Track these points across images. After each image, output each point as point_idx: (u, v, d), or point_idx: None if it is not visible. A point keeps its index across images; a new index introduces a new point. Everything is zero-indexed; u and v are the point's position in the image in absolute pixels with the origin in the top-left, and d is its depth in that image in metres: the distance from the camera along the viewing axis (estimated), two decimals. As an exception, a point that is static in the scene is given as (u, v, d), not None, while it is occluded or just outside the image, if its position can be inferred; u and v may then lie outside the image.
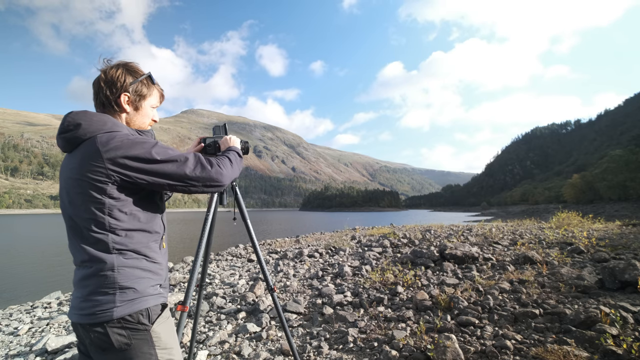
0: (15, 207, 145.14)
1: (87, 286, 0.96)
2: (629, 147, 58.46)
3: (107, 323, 0.93)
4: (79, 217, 0.98)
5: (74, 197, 0.98)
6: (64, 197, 1.02)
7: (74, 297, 1.00)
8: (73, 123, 0.99)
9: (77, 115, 1.00)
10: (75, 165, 0.97)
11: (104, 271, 0.96)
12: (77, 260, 1.00)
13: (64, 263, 11.58)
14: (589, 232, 6.92)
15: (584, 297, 2.93)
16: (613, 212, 32.18)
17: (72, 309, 0.99)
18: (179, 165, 1.02)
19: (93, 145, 0.96)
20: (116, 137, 0.98)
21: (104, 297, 0.95)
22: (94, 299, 0.95)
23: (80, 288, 0.98)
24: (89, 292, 0.95)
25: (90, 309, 0.94)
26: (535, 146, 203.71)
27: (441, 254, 5.02)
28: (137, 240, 1.02)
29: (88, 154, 0.95)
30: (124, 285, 0.97)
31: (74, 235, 1.01)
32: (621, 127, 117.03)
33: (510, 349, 2.12)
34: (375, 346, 2.43)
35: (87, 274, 0.97)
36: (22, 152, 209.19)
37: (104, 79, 1.07)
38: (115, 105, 1.09)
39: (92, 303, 0.95)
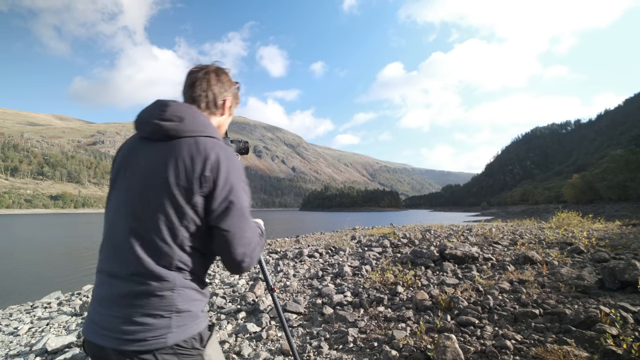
0: (15, 207, 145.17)
1: (135, 306, 0.80)
2: (629, 147, 58.47)
3: (159, 350, 0.79)
4: (150, 219, 0.83)
5: (153, 194, 0.83)
6: (133, 190, 0.86)
7: (106, 316, 0.81)
8: (177, 114, 0.87)
9: (180, 107, 0.89)
10: (169, 161, 0.84)
11: (162, 291, 0.81)
12: (124, 271, 0.82)
13: (64, 263, 11.58)
14: (589, 232, 6.92)
15: (584, 297, 2.93)
16: (613, 212, 32.19)
17: (105, 331, 0.80)
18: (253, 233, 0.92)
19: (197, 147, 0.85)
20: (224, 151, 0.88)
21: (159, 321, 0.80)
22: (146, 323, 0.79)
23: (123, 307, 0.80)
24: (140, 314, 0.79)
25: (139, 334, 0.78)
26: (535, 146, 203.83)
27: (441, 254, 5.02)
28: (198, 262, 0.89)
29: (189, 155, 0.84)
30: (182, 309, 0.83)
31: (131, 238, 0.83)
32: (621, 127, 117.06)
33: (510, 349, 2.12)
34: (375, 346, 2.43)
35: (137, 291, 0.80)
36: (22, 152, 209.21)
37: (216, 76, 1.01)
38: (217, 106, 1.02)
39: (142, 327, 0.78)
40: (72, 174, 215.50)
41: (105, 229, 0.90)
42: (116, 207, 0.89)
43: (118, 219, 0.87)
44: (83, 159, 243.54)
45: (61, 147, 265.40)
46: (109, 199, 0.93)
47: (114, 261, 0.85)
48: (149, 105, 0.92)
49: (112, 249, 0.86)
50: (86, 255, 13.37)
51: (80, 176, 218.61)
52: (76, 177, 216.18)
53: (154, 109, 0.89)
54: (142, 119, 0.90)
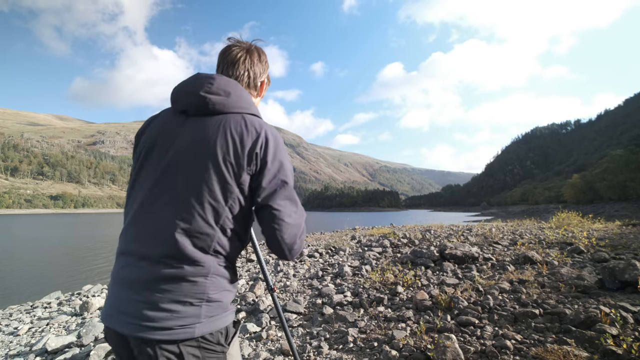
0: (15, 207, 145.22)
1: (163, 291, 0.72)
2: (629, 147, 58.48)
3: (184, 342, 0.72)
4: (193, 197, 0.76)
5: (199, 171, 0.77)
6: (174, 166, 0.79)
7: (129, 301, 0.74)
8: (224, 89, 0.82)
9: (228, 82, 0.84)
10: (217, 137, 0.78)
11: (195, 276, 0.75)
12: (156, 252, 0.74)
13: (64, 263, 11.58)
14: (589, 232, 6.91)
15: (584, 297, 2.92)
16: (613, 212, 32.19)
17: (126, 317, 0.73)
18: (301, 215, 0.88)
19: (245, 124, 0.81)
20: (271, 130, 0.85)
21: (188, 309, 0.73)
22: (173, 310, 0.72)
23: (150, 291, 0.73)
24: (167, 300, 0.72)
25: (166, 322, 0.71)
26: (535, 146, 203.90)
27: (441, 254, 5.02)
28: (235, 246, 0.83)
29: (239, 131, 0.80)
30: (213, 298, 0.77)
31: (169, 218, 0.75)
32: (621, 127, 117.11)
33: (510, 349, 2.12)
34: (375, 346, 2.43)
35: (168, 274, 0.73)
36: (22, 152, 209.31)
37: (258, 56, 0.96)
38: (256, 87, 0.99)
39: (169, 314, 0.72)
40: (72, 174, 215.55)
41: (134, 208, 0.81)
42: (150, 185, 0.80)
43: (152, 197, 0.79)
44: (83, 159, 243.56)
45: (61, 147, 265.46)
46: (138, 176, 0.84)
47: (144, 242, 0.76)
48: (190, 79, 0.86)
49: (143, 229, 0.78)
50: (88, 255, 13.37)
51: (80, 176, 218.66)
52: (76, 177, 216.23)
53: (199, 80, 0.84)
54: (184, 91, 0.84)
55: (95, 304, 4.36)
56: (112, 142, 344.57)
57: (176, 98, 0.86)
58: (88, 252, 14.14)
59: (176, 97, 0.86)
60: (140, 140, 0.89)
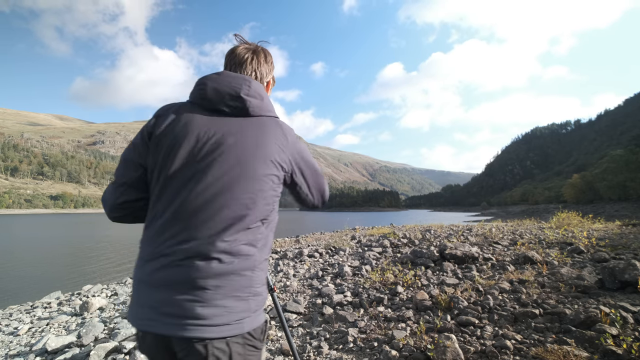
0: (15, 207, 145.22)
1: (216, 287, 0.72)
2: (629, 147, 58.47)
3: (233, 337, 0.72)
4: (244, 194, 0.77)
5: (251, 170, 0.79)
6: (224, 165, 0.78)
7: (173, 301, 0.71)
8: (259, 93, 0.86)
9: (260, 86, 0.88)
10: (264, 138, 0.83)
11: (245, 270, 0.75)
12: (207, 249, 0.73)
13: (64, 263, 11.58)
14: (589, 232, 6.91)
15: (584, 297, 2.92)
16: (613, 212, 32.19)
17: (173, 318, 0.71)
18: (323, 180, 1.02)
19: (280, 129, 0.87)
20: (293, 132, 0.93)
21: (239, 304, 0.74)
22: (227, 305, 0.72)
23: (201, 289, 0.71)
24: (220, 296, 0.72)
25: (219, 318, 0.71)
26: (535, 146, 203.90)
27: (441, 254, 5.02)
28: (271, 240, 0.87)
29: (275, 136, 0.85)
30: (257, 291, 0.78)
31: (219, 214, 0.75)
32: (621, 127, 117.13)
33: (510, 349, 2.12)
34: (375, 346, 2.43)
35: (220, 270, 0.73)
36: (22, 152, 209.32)
37: (264, 56, 0.97)
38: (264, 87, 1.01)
39: (222, 310, 0.71)
40: (72, 174, 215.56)
41: (173, 208, 0.77)
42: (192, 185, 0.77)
43: (197, 196, 0.76)
44: (83, 159, 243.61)
45: (61, 147, 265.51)
46: (171, 175, 0.78)
47: (191, 241, 0.74)
48: (222, 78, 0.85)
49: (191, 229, 0.75)
50: (88, 255, 13.37)
51: (80, 176, 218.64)
52: (76, 177, 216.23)
53: (235, 81, 0.84)
54: (222, 91, 0.83)
55: (95, 304, 4.36)
56: (112, 142, 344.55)
57: (211, 97, 0.83)
58: (88, 252, 14.14)
59: (212, 95, 0.83)
60: (158, 136, 0.82)
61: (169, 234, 0.76)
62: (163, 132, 0.81)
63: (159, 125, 0.83)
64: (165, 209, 0.78)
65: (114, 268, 10.27)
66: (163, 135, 0.81)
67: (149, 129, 0.84)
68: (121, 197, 0.83)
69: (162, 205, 0.78)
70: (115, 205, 0.84)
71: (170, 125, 0.82)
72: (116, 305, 4.49)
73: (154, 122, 0.85)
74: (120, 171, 0.84)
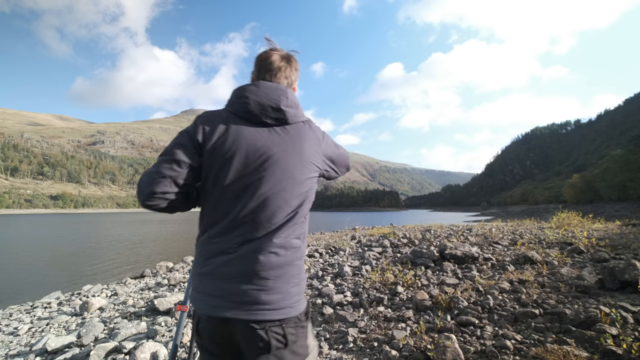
0: (15, 207, 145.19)
1: (277, 276, 0.86)
2: (629, 147, 58.41)
3: (287, 320, 0.86)
4: (294, 195, 0.92)
5: (297, 174, 0.93)
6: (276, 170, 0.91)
7: (241, 291, 0.85)
8: (294, 102, 0.98)
9: (294, 95, 1.00)
10: (305, 145, 0.96)
11: (296, 260, 0.91)
12: (268, 245, 0.88)
13: (64, 263, 11.57)
14: (589, 232, 6.91)
15: (584, 297, 2.92)
16: (613, 212, 32.19)
17: (237, 304, 0.84)
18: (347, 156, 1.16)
19: (313, 133, 1.00)
20: (324, 132, 1.05)
21: (294, 289, 0.89)
22: (286, 291, 0.87)
23: (265, 279, 0.85)
24: (281, 283, 0.86)
25: (279, 303, 0.85)
26: (535, 146, 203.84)
27: (441, 254, 5.02)
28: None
29: (311, 140, 0.98)
30: (303, 277, 0.93)
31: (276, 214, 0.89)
32: (621, 127, 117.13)
33: (510, 349, 2.12)
34: (375, 346, 2.43)
35: (280, 261, 0.88)
36: (22, 152, 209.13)
37: (295, 64, 1.06)
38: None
39: (282, 296, 0.86)
40: (72, 174, 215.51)
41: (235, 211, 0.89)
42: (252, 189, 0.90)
43: (252, 202, 0.89)
44: (83, 159, 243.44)
45: (61, 147, 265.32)
46: (225, 182, 0.90)
47: (253, 239, 0.88)
48: (262, 90, 0.95)
49: (252, 228, 0.88)
50: (88, 255, 13.37)
51: (80, 176, 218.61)
52: (76, 177, 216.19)
53: (275, 92, 0.95)
54: (265, 104, 0.93)
55: (95, 304, 4.36)
56: (112, 142, 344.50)
57: (254, 110, 0.93)
58: (88, 252, 14.14)
59: (255, 109, 0.93)
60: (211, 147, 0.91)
61: (232, 235, 0.89)
62: (215, 144, 0.91)
63: (210, 136, 0.92)
64: (226, 215, 0.90)
65: (114, 268, 10.28)
66: (216, 148, 0.91)
67: (199, 137, 0.92)
68: (164, 188, 0.89)
69: (222, 211, 0.91)
70: (156, 194, 0.89)
71: (221, 138, 0.91)
72: (116, 305, 4.49)
73: (203, 131, 0.92)
74: (167, 165, 0.90)
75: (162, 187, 0.88)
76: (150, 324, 3.40)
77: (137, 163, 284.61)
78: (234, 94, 0.97)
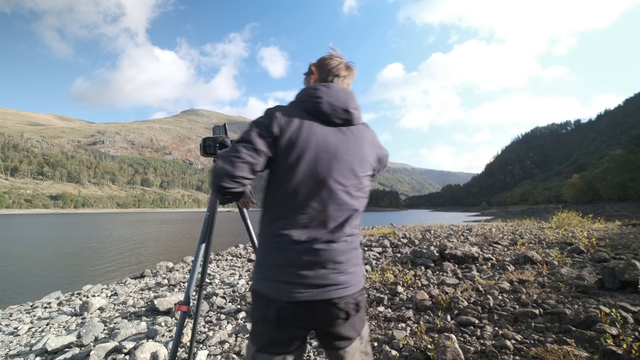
0: (15, 207, 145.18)
1: (348, 260, 1.01)
2: (629, 147, 58.41)
3: (357, 292, 1.02)
4: (358, 189, 1.05)
5: (359, 169, 1.05)
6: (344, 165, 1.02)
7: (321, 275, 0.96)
8: (358, 105, 1.08)
9: (356, 99, 1.09)
10: (365, 145, 1.08)
11: (357, 247, 1.07)
12: (342, 234, 1.01)
13: (64, 263, 11.57)
14: (589, 232, 6.92)
15: (584, 297, 2.92)
16: (613, 212, 32.19)
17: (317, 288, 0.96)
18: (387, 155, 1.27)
19: (372, 135, 1.13)
20: (374, 132, 1.16)
21: (359, 269, 1.06)
22: (355, 272, 1.03)
23: (340, 263, 0.99)
24: (351, 265, 1.02)
25: (352, 281, 1.01)
26: (535, 146, 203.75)
27: (441, 254, 5.02)
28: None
29: (369, 141, 1.10)
30: (362, 257, 1.11)
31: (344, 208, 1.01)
32: (621, 127, 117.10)
33: (510, 349, 2.12)
34: (375, 346, 2.43)
35: (349, 247, 1.02)
36: (22, 152, 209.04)
37: (354, 73, 1.17)
38: None
39: (352, 275, 1.01)
40: (72, 174, 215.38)
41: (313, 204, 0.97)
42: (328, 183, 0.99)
43: (324, 196, 0.98)
44: (83, 159, 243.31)
45: (61, 147, 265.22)
46: (299, 177, 0.97)
47: (326, 230, 0.98)
48: (334, 93, 1.04)
49: (322, 222, 0.98)
50: (88, 255, 13.37)
51: (80, 176, 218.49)
52: (76, 177, 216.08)
53: (346, 96, 1.05)
54: (338, 107, 1.03)
55: (95, 304, 4.36)
56: (112, 142, 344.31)
57: (326, 110, 1.02)
58: (88, 252, 14.15)
59: (326, 109, 1.02)
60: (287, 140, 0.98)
61: (306, 227, 0.97)
62: (290, 138, 0.97)
63: (286, 130, 0.98)
64: (300, 207, 0.98)
65: (114, 268, 10.28)
66: (290, 141, 0.97)
67: (275, 129, 0.98)
68: (243, 173, 0.94)
69: (295, 204, 0.98)
70: (236, 177, 0.94)
71: (295, 132, 0.98)
72: (116, 305, 4.49)
73: (279, 124, 0.98)
74: (247, 151, 0.95)
75: (242, 171, 0.94)
76: (150, 324, 3.40)
77: (137, 163, 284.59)
78: (306, 92, 1.05)
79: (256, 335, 1.00)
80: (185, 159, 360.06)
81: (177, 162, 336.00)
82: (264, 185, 1.06)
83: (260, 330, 0.99)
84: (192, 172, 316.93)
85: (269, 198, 1.03)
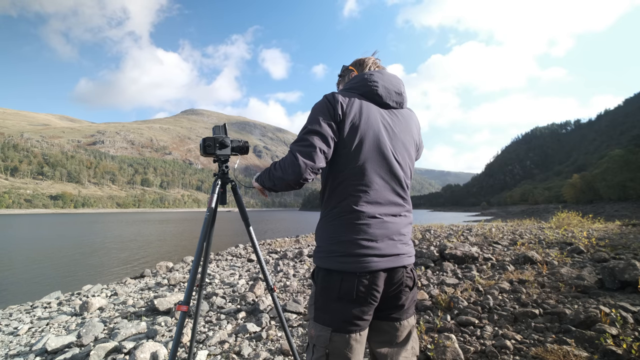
0: (15, 207, 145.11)
1: (407, 233, 1.12)
2: (629, 147, 58.39)
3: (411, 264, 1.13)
4: (410, 166, 1.15)
5: (410, 150, 1.15)
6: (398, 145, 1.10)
7: (391, 245, 1.05)
8: (405, 89, 1.18)
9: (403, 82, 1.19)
10: (413, 124, 1.18)
11: (411, 222, 1.16)
12: (403, 209, 1.11)
13: (64, 263, 11.56)
14: (588, 232, 6.92)
15: (584, 297, 2.92)
16: (613, 212, 32.19)
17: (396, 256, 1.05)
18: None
19: (416, 118, 1.22)
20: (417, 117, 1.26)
21: (411, 241, 1.15)
22: (411, 243, 1.14)
23: (404, 235, 1.10)
24: (409, 238, 1.13)
25: (411, 251, 1.12)
26: (535, 146, 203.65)
27: (441, 254, 5.02)
28: None
29: (415, 124, 1.20)
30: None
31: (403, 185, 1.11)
32: (621, 127, 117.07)
33: (510, 349, 2.12)
34: (375, 346, 2.43)
35: (407, 222, 1.13)
36: (22, 152, 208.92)
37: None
38: None
39: (411, 247, 1.13)
40: (72, 174, 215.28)
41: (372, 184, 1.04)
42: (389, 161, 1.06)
43: (387, 174, 1.07)
44: (83, 159, 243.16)
45: (61, 147, 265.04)
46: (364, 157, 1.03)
47: (391, 206, 1.08)
48: (387, 77, 1.13)
49: (389, 199, 1.07)
50: (88, 255, 13.37)
51: (80, 176, 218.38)
52: (76, 177, 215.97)
53: (396, 80, 1.15)
54: (391, 89, 1.12)
55: (95, 303, 4.35)
56: (112, 142, 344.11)
57: (382, 93, 1.10)
58: (88, 252, 14.14)
59: (382, 92, 1.10)
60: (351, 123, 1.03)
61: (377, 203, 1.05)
62: (353, 121, 1.03)
63: (349, 114, 1.03)
64: (367, 186, 1.04)
65: (114, 268, 10.27)
66: (354, 125, 1.03)
67: (339, 114, 1.02)
68: (320, 163, 0.99)
69: (361, 184, 1.04)
70: (314, 168, 0.98)
71: (357, 116, 1.03)
72: (116, 305, 4.49)
73: (342, 108, 1.03)
74: (321, 141, 0.99)
75: (320, 161, 0.99)
76: (150, 323, 3.40)
77: (137, 163, 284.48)
78: (361, 78, 1.12)
79: (331, 315, 1.01)
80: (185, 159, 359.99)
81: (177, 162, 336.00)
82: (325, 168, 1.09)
83: (335, 309, 1.01)
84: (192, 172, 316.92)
85: (336, 179, 1.05)
